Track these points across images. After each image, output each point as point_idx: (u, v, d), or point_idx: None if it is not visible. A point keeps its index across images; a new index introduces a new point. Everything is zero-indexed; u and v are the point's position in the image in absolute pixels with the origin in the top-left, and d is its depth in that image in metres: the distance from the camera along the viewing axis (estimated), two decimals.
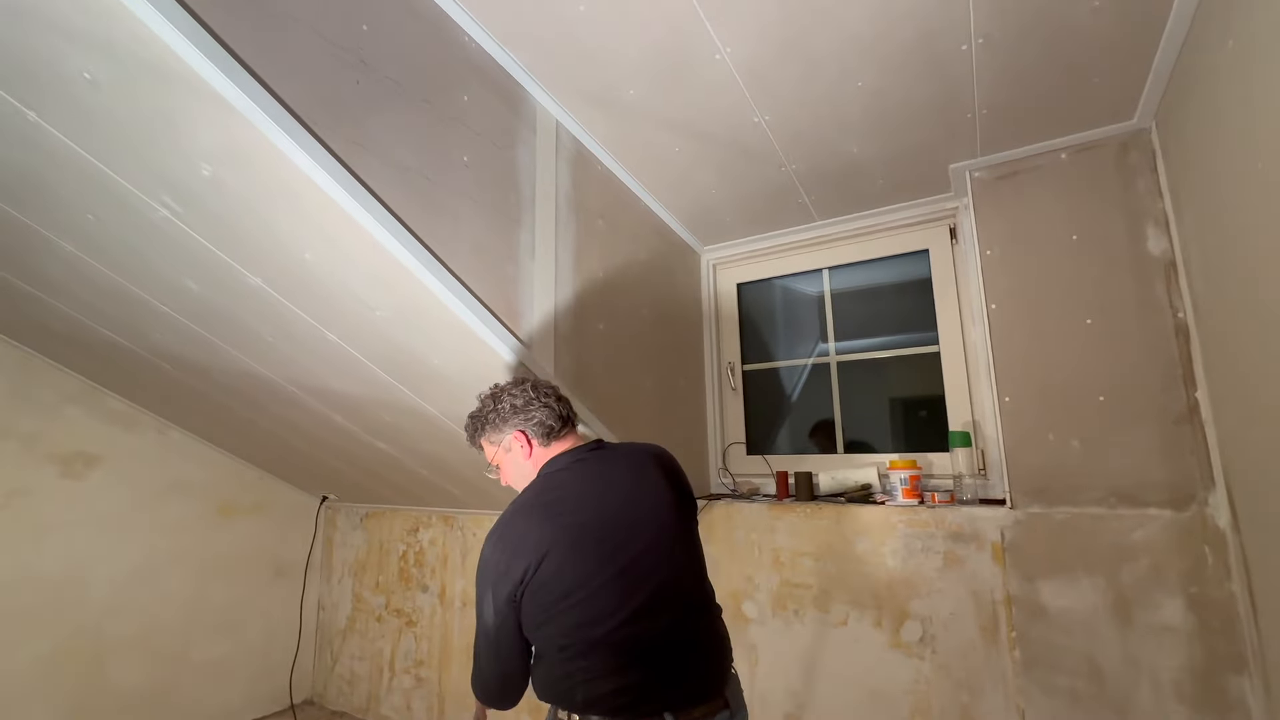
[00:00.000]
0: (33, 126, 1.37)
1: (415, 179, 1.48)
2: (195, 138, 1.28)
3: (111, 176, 1.45)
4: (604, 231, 2.17)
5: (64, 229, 1.74)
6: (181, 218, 1.53)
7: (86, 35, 1.11)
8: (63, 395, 2.85)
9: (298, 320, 1.81)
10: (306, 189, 1.31)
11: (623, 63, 1.76)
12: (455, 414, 2.06)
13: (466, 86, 1.67)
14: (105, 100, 1.24)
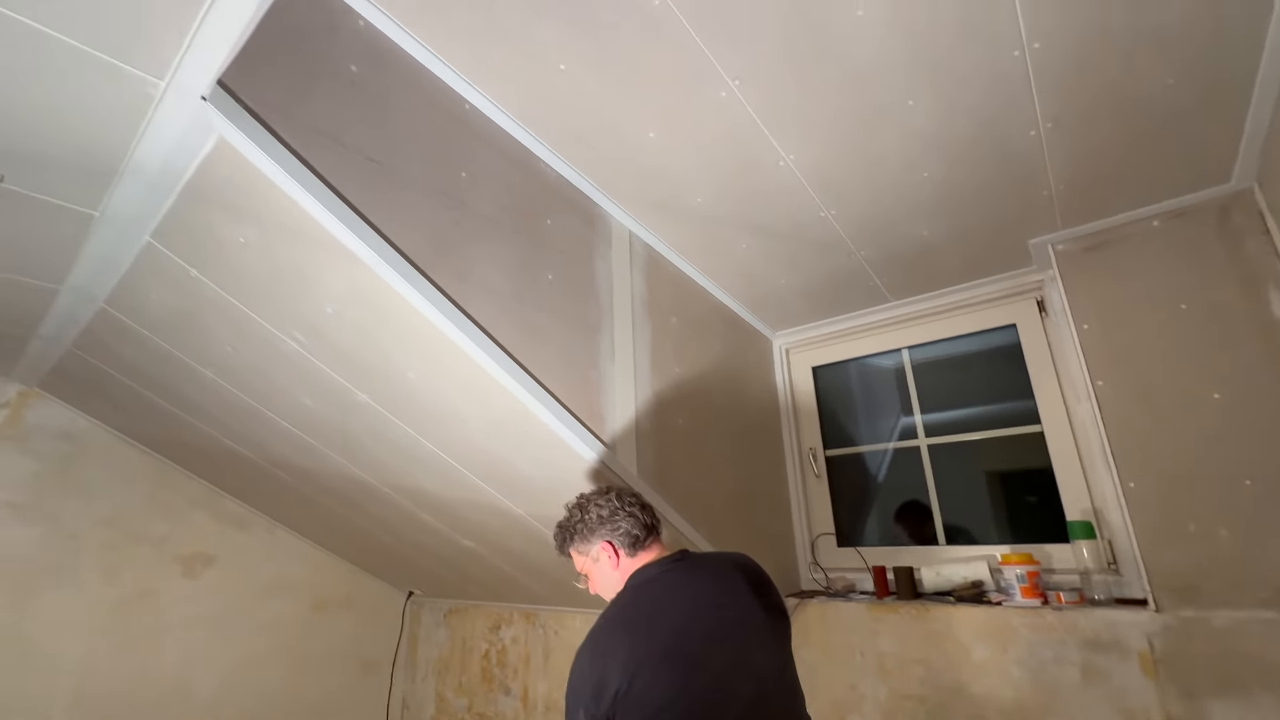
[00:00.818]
0: (194, 280, 1.61)
1: (508, 301, 1.60)
2: (323, 283, 1.46)
3: (251, 317, 1.66)
4: (677, 328, 2.23)
5: (207, 359, 1.99)
6: (306, 348, 1.71)
7: (245, 210, 1.32)
8: (189, 500, 3.13)
9: (397, 430, 1.94)
10: (415, 320, 1.45)
11: (690, 176, 1.88)
12: (539, 514, 2.09)
13: (549, 211, 1.82)
14: (252, 257, 1.45)
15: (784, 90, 1.55)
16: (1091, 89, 1.51)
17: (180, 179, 1.29)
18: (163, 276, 1.64)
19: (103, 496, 2.88)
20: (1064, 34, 1.38)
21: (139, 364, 2.20)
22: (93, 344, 2.17)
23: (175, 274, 1.61)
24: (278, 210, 1.28)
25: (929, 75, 1.49)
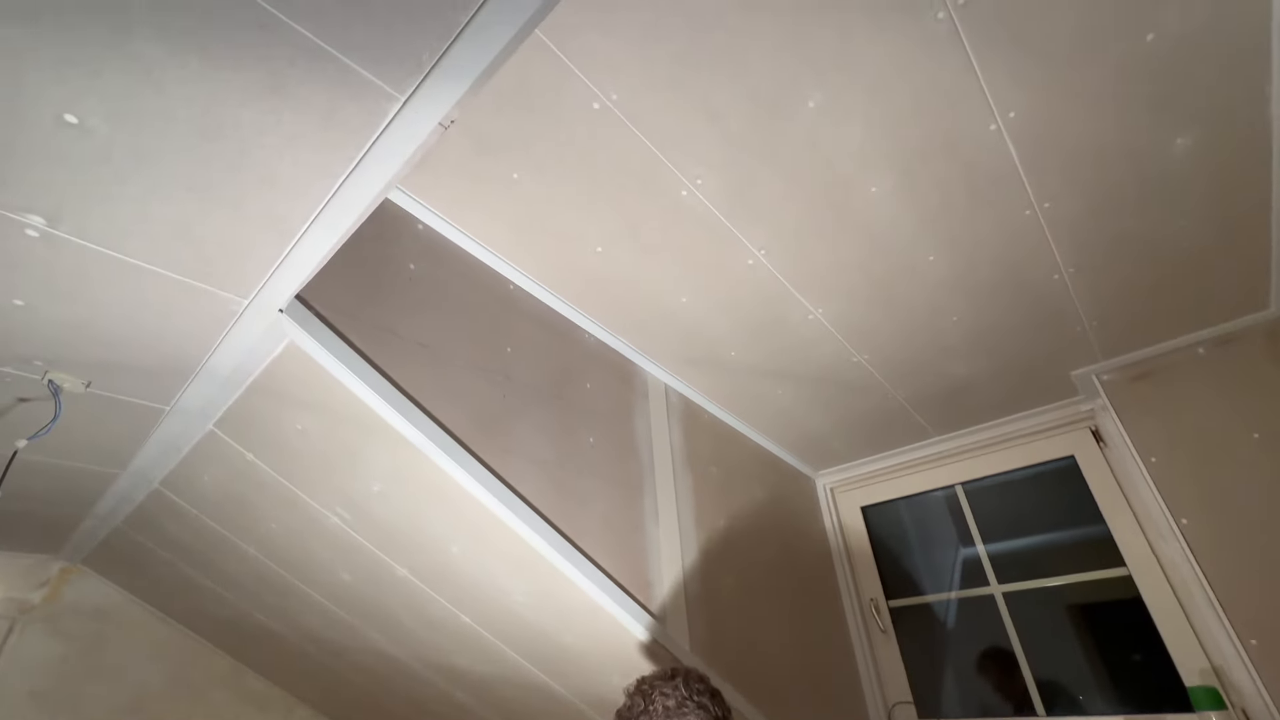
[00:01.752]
0: (249, 464, 1.65)
1: (552, 470, 1.60)
2: (371, 462, 1.48)
3: (299, 495, 1.68)
4: (718, 477, 2.18)
5: (249, 535, 1.99)
6: (349, 524, 1.71)
7: (305, 402, 1.39)
8: (211, 677, 2.97)
9: (436, 605, 1.86)
10: (461, 496, 1.44)
11: (722, 333, 1.94)
12: (583, 690, 1.91)
13: (588, 375, 1.88)
14: (308, 444, 1.50)
15: (807, 256, 1.65)
16: (1107, 237, 1.56)
17: (249, 377, 1.38)
18: (219, 460, 1.70)
19: (126, 681, 2.74)
20: (1070, 194, 1.46)
21: (183, 540, 2.20)
22: (142, 522, 2.20)
23: (232, 458, 1.66)
24: (336, 401, 1.34)
25: (945, 237, 1.57)
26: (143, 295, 1.14)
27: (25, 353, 1.29)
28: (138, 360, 1.34)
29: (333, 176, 0.92)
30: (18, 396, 1.45)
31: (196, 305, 1.17)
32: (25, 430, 1.59)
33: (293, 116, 0.83)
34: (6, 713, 2.45)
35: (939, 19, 1.14)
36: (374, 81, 0.79)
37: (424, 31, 0.74)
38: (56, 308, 1.17)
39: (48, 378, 1.36)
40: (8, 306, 1.15)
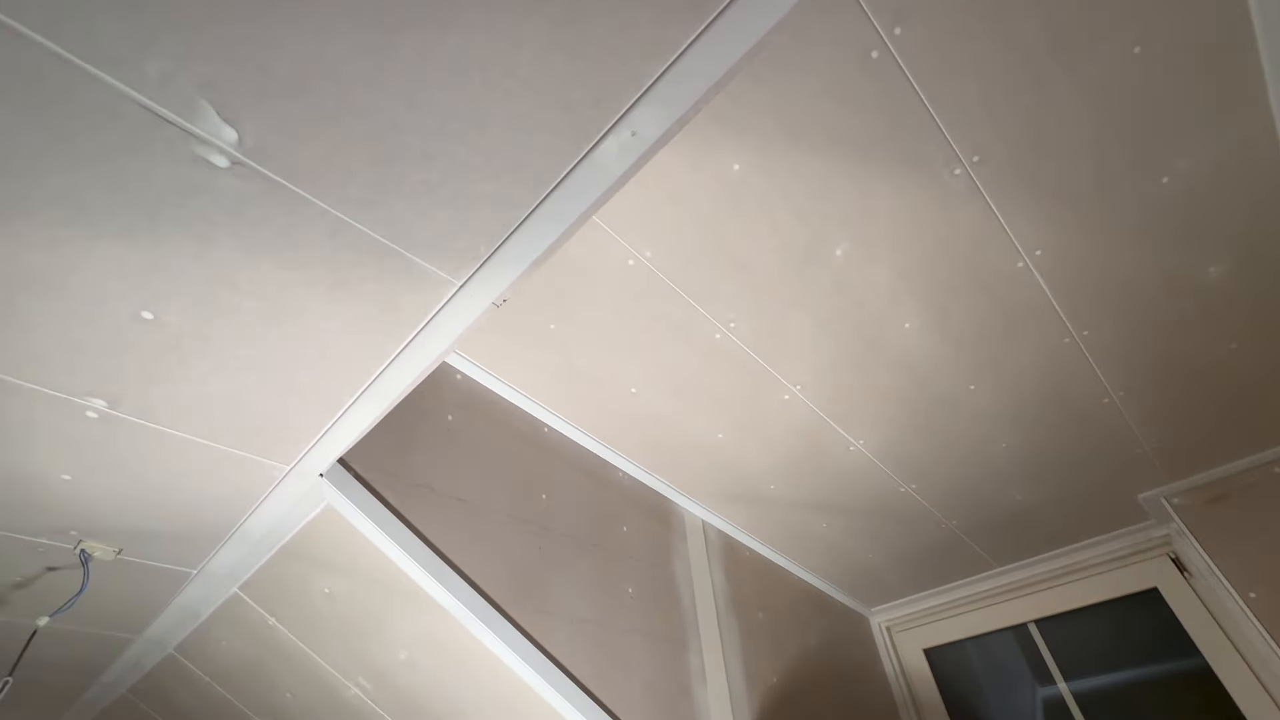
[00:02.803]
0: (270, 629, 1.56)
1: (591, 629, 1.48)
2: (399, 628, 1.39)
3: (319, 663, 1.57)
4: (766, 624, 2.01)
5: (261, 705, 1.84)
6: (369, 694, 1.57)
7: (337, 565, 1.33)
8: None
9: None
10: (494, 666, 1.33)
11: (761, 468, 1.88)
12: None
13: (625, 517, 1.80)
14: (334, 608, 1.42)
15: (845, 389, 1.63)
16: (1154, 359, 1.53)
17: (281, 540, 1.34)
18: (240, 625, 1.61)
19: None
20: (1107, 321, 1.45)
21: (190, 709, 2.04)
22: (149, 689, 2.06)
23: (253, 622, 1.57)
24: (369, 564, 1.28)
25: (986, 367, 1.55)
26: (187, 465, 1.14)
27: (62, 524, 1.28)
28: (172, 526, 1.31)
29: (385, 355, 0.94)
30: (47, 566, 1.41)
31: (239, 472, 1.17)
32: (49, 599, 1.54)
33: (353, 306, 0.86)
34: None
35: (955, 175, 1.20)
36: (432, 271, 0.83)
37: (483, 227, 0.78)
38: (100, 480, 1.17)
39: (80, 547, 1.33)
40: (55, 481, 1.15)
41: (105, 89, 0.62)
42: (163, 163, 0.69)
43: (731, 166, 1.20)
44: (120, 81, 0.61)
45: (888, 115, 1.13)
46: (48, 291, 0.81)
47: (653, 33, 0.62)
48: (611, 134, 0.69)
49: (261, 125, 0.66)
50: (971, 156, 1.17)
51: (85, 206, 0.72)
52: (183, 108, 0.64)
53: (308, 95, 0.64)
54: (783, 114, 1.13)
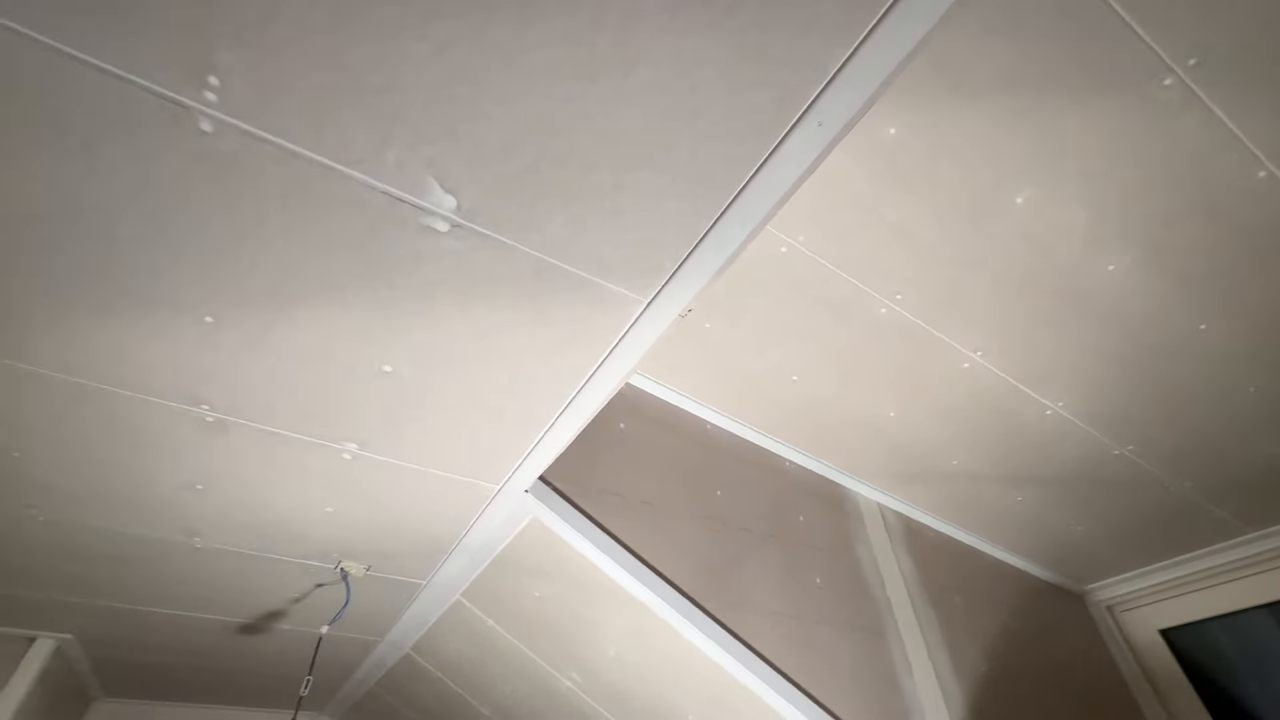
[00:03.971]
0: (489, 630, 1.74)
1: (783, 621, 1.48)
2: (607, 626, 1.48)
3: (534, 659, 1.72)
4: (965, 609, 1.87)
5: (485, 697, 2.05)
6: (582, 687, 1.69)
7: (544, 571, 1.45)
8: None
9: None
10: (696, 660, 1.37)
11: (940, 442, 1.75)
12: None
13: (799, 507, 1.77)
14: (545, 610, 1.55)
15: (1035, 349, 1.47)
16: None
17: (495, 551, 1.49)
18: (463, 628, 1.81)
19: None
20: None
21: (425, 701, 2.34)
22: (392, 684, 2.39)
23: (474, 625, 1.76)
24: (574, 568, 1.38)
25: (1220, 300, 1.32)
26: (416, 492, 1.30)
27: (325, 548, 1.52)
28: (407, 545, 1.51)
29: (580, 377, 1.01)
30: (316, 583, 1.69)
31: (457, 495, 1.31)
32: (319, 609, 1.84)
33: (552, 336, 0.93)
34: None
35: (1165, 85, 1.03)
36: (622, 293, 0.87)
37: (669, 244, 0.81)
38: (353, 510, 1.37)
39: (340, 566, 1.58)
40: (319, 513, 1.38)
41: (356, 184, 0.73)
42: (397, 237, 0.79)
43: (886, 131, 1.13)
44: (368, 175, 0.72)
45: (1068, 38, 0.99)
46: (317, 361, 0.96)
47: (838, 18, 0.60)
48: (797, 129, 0.68)
49: (476, 189, 0.74)
50: (1186, 60, 1.00)
51: (342, 287, 0.85)
52: (413, 186, 0.73)
53: (513, 153, 0.70)
54: (941, 61, 1.04)
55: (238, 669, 2.33)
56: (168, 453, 1.17)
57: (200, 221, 0.76)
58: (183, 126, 0.66)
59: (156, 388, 1.02)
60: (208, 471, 1.23)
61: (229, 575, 1.64)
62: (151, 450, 1.16)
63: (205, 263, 0.81)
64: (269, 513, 1.37)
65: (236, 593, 1.73)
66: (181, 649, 2.13)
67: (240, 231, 0.77)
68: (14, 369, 0.98)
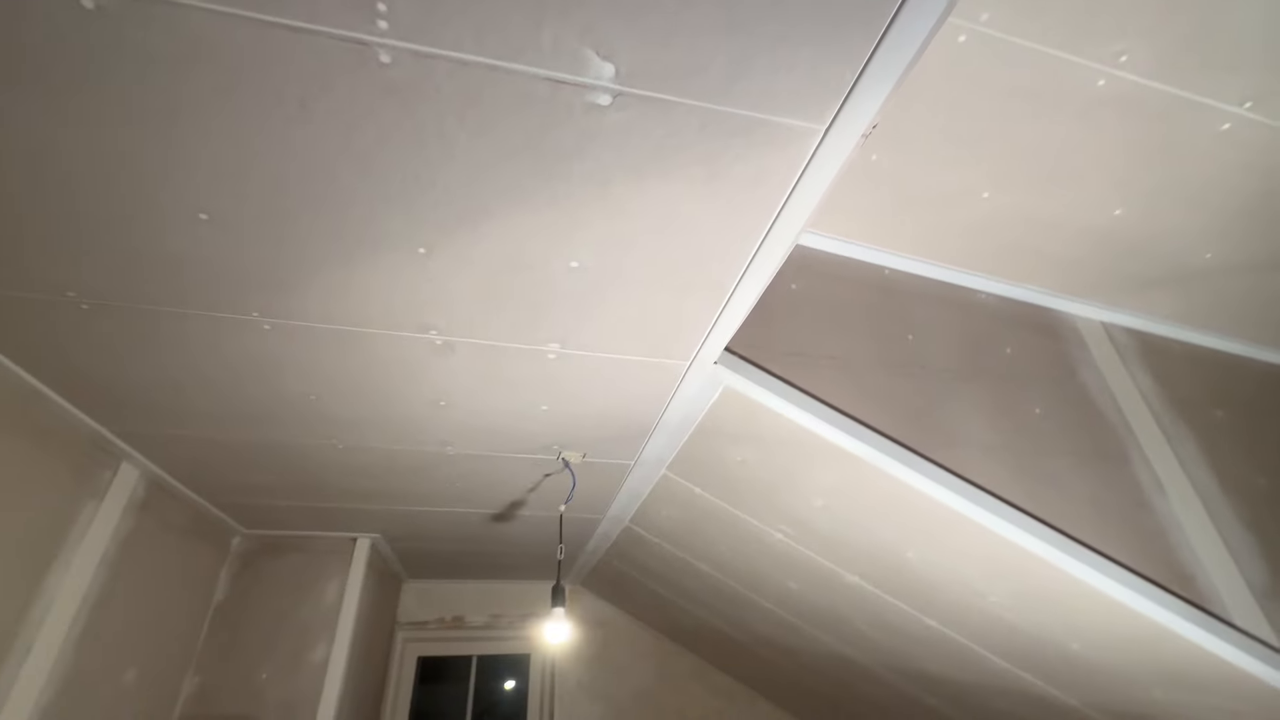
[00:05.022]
0: (697, 497, 1.90)
1: (1002, 454, 1.41)
2: (811, 480, 1.53)
3: (743, 519, 1.85)
4: (1229, 422, 1.62)
5: (703, 556, 2.29)
6: (793, 538, 1.80)
7: (743, 436, 1.52)
8: (687, 673, 3.52)
9: (894, 610, 1.81)
10: (915, 500, 1.37)
11: (1188, 235, 1.46)
12: (1106, 707, 1.60)
13: (1002, 339, 1.62)
14: (748, 472, 1.64)
15: None
16: None
17: (693, 424, 1.59)
18: (673, 498, 2.00)
19: (631, 672, 3.46)
20: None
21: (649, 565, 2.68)
22: (617, 554, 2.76)
23: (682, 494, 1.94)
24: (772, 429, 1.43)
25: None
26: (615, 380, 1.41)
27: (547, 442, 1.74)
28: (613, 431, 1.67)
29: (758, 230, 0.98)
30: (544, 473, 1.96)
31: (651, 377, 1.40)
32: (550, 495, 2.15)
33: (727, 192, 0.91)
34: (570, 702, 3.33)
35: None
36: (798, 125, 0.81)
37: (844, 51, 0.72)
38: (564, 405, 1.54)
39: (561, 456, 1.81)
40: (538, 412, 1.56)
41: (520, 78, 0.74)
42: (565, 124, 0.80)
43: None
44: (529, 65, 0.72)
45: None
46: (513, 269, 1.05)
47: None
48: None
49: (630, 48, 0.71)
50: None
51: (525, 190, 0.89)
52: (571, 63, 0.73)
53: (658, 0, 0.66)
54: None
55: (498, 550, 2.85)
56: (413, 377, 1.39)
57: (399, 156, 0.84)
58: (367, 64, 0.72)
59: (393, 322, 1.20)
60: (445, 389, 1.44)
61: (477, 475, 1.96)
62: (401, 377, 1.39)
63: (409, 197, 0.90)
64: (496, 417, 1.59)
65: (485, 489, 2.08)
66: (454, 538, 2.65)
67: (431, 157, 0.84)
68: (295, 327, 1.21)
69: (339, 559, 2.56)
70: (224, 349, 1.26)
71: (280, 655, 2.34)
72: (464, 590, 3.48)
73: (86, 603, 1.66)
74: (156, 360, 1.30)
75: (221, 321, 1.18)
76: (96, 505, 1.69)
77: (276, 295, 1.11)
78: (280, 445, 1.72)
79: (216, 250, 0.99)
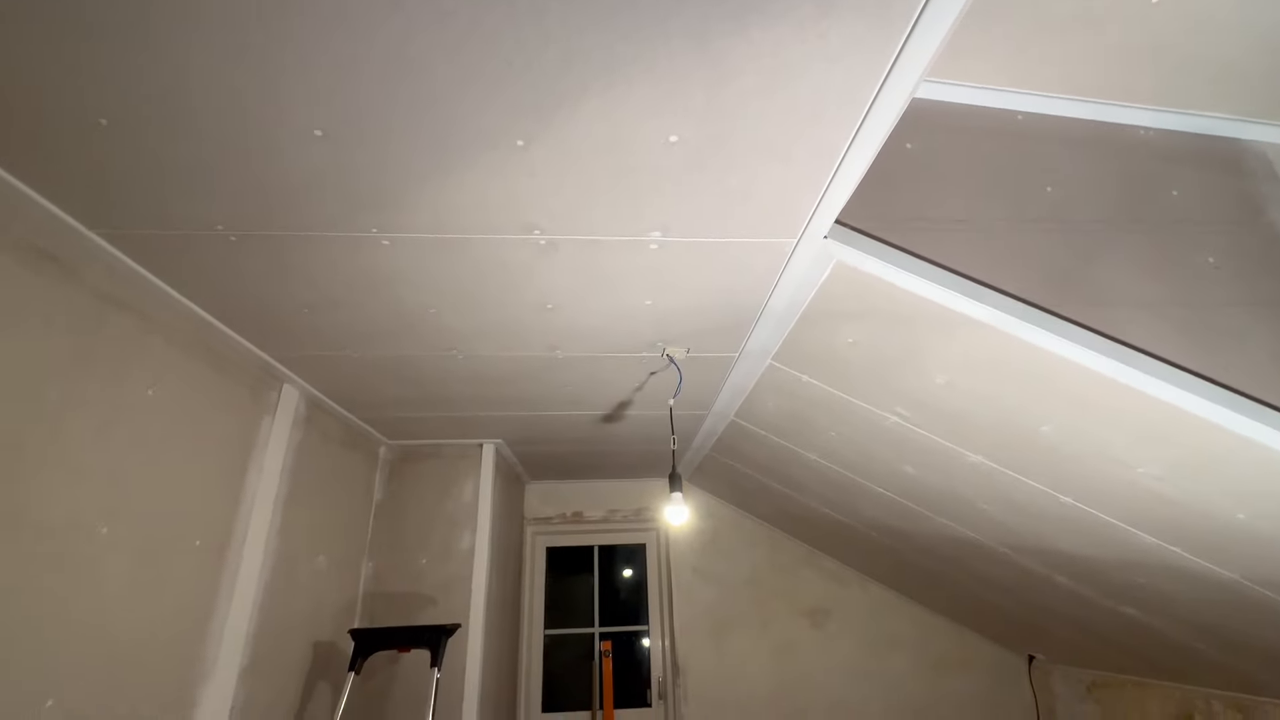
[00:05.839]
0: (804, 385, 1.87)
1: (1167, 310, 1.25)
2: (932, 356, 1.45)
3: (853, 403, 1.81)
4: None
5: (811, 445, 2.29)
6: (908, 420, 1.75)
7: (855, 315, 1.45)
8: (797, 559, 3.66)
9: (1023, 488, 1.74)
10: (1055, 367, 1.26)
11: None
12: (1271, 579, 1.48)
13: (1168, 181, 1.39)
14: (860, 354, 1.58)
15: None
16: None
17: (800, 308, 1.53)
18: (779, 388, 1.99)
19: (741, 559, 3.66)
20: None
21: (755, 457, 2.73)
22: (724, 447, 2.84)
23: (788, 383, 1.92)
24: (889, 304, 1.35)
25: None
26: (718, 265, 1.37)
27: (651, 339, 1.76)
28: (716, 321, 1.65)
29: (874, 79, 0.88)
30: (649, 371, 2.01)
31: (756, 259, 1.35)
32: (656, 394, 2.21)
33: (840, 32, 0.81)
34: (685, 583, 3.59)
35: None
36: None
37: None
38: (667, 298, 1.53)
39: (665, 352, 1.83)
40: (641, 307, 1.57)
41: None
42: None
43: None
44: None
45: None
46: (610, 152, 1.02)
47: None
48: None
49: None
50: None
51: (620, 59, 0.84)
52: None
53: None
54: None
55: (609, 450, 3.03)
56: (520, 282, 1.43)
57: (492, 41, 0.81)
58: None
59: (498, 224, 1.22)
60: (551, 290, 1.48)
61: (586, 378, 2.05)
62: (509, 283, 1.44)
63: (504, 85, 0.88)
64: (601, 318, 1.62)
65: (594, 391, 2.17)
66: (568, 439, 2.83)
67: (523, 36, 0.80)
68: (410, 240, 1.26)
69: (470, 463, 2.84)
70: (350, 268, 1.36)
71: (434, 544, 2.69)
72: (580, 489, 3.77)
73: (279, 501, 1.97)
74: (294, 285, 1.42)
75: (343, 241, 1.26)
76: (271, 420, 1.96)
77: (389, 209, 1.16)
78: (408, 359, 1.87)
79: (333, 164, 1.03)
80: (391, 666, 2.50)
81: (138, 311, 1.41)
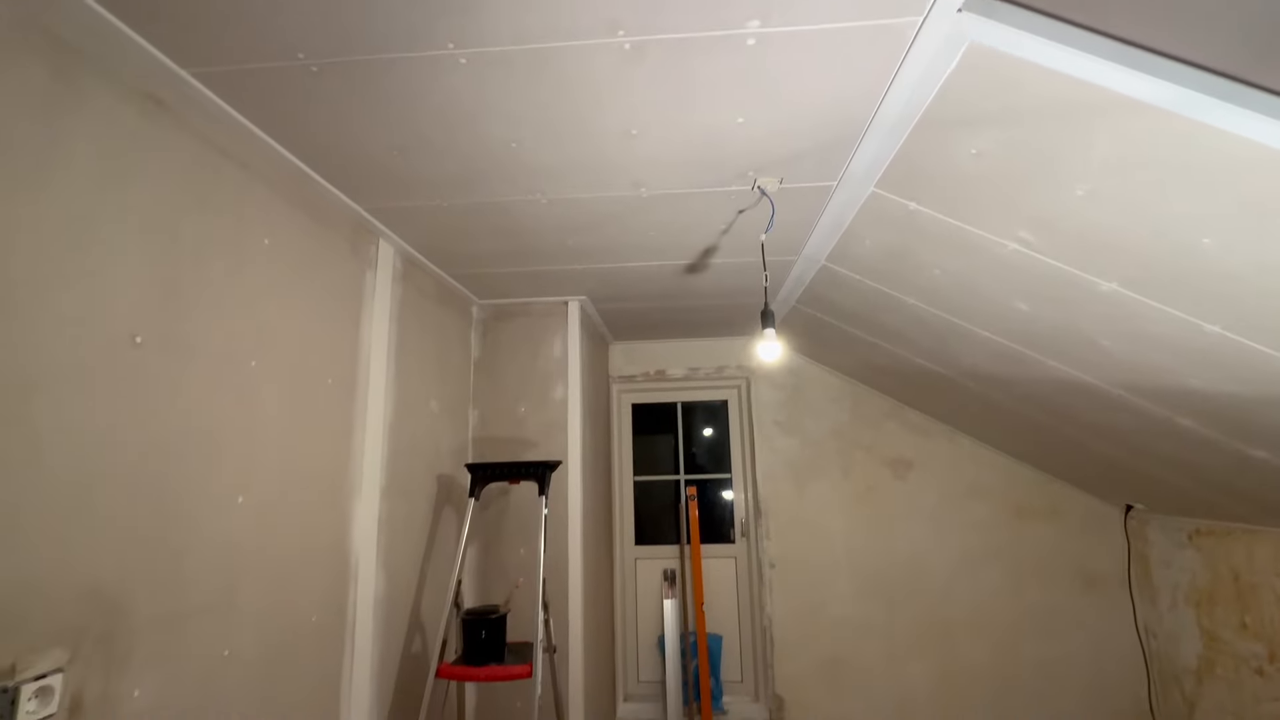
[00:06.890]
0: (910, 214, 1.71)
1: None
2: (1075, 161, 1.25)
3: (968, 230, 1.64)
4: None
5: (909, 287, 2.15)
6: (1031, 246, 1.57)
7: (986, 116, 1.26)
8: (879, 412, 3.65)
9: (1161, 319, 1.56)
10: (1237, 155, 1.06)
11: None
12: None
13: None
14: (984, 167, 1.39)
15: None
16: None
17: (917, 113, 1.34)
18: (880, 220, 1.83)
19: (823, 414, 3.69)
20: None
21: (844, 306, 2.62)
22: (810, 297, 2.74)
23: (893, 213, 1.76)
24: (1032, 93, 1.15)
25: None
26: (824, 61, 1.21)
27: (740, 168, 1.64)
28: (815, 141, 1.50)
29: None
30: (737, 209, 1.90)
31: (870, 50, 1.17)
32: (744, 237, 2.11)
33: None
34: (767, 435, 3.70)
35: None
36: None
37: None
38: (760, 114, 1.39)
39: (757, 184, 1.71)
40: (731, 127, 1.44)
41: None
42: None
43: None
44: None
45: None
46: None
47: None
48: None
49: None
50: None
51: None
52: None
53: None
54: None
55: (691, 305, 3.01)
56: (604, 100, 1.33)
57: None
58: None
59: (581, 27, 1.11)
60: (636, 111, 1.37)
61: (671, 221, 1.97)
62: (592, 102, 1.34)
63: None
64: (690, 143, 1.50)
65: (679, 234, 2.10)
66: (651, 294, 2.82)
67: None
68: (487, 55, 1.18)
69: (556, 320, 2.93)
70: (429, 96, 1.31)
71: (531, 394, 2.88)
72: (662, 348, 3.84)
73: (391, 349, 2.13)
74: (378, 123, 1.40)
75: (422, 62, 1.20)
76: (373, 274, 2.06)
77: (464, 15, 1.07)
78: (493, 207, 1.87)
79: None
80: (503, 499, 2.81)
81: (239, 160, 1.45)
